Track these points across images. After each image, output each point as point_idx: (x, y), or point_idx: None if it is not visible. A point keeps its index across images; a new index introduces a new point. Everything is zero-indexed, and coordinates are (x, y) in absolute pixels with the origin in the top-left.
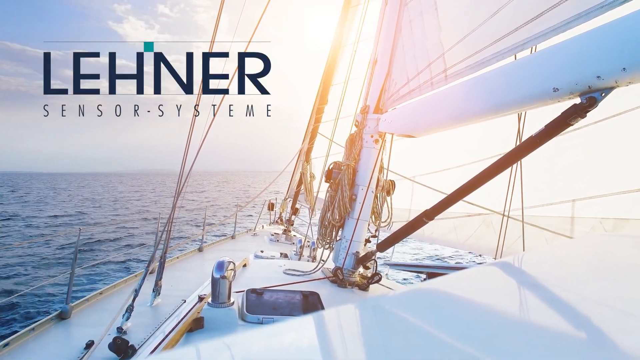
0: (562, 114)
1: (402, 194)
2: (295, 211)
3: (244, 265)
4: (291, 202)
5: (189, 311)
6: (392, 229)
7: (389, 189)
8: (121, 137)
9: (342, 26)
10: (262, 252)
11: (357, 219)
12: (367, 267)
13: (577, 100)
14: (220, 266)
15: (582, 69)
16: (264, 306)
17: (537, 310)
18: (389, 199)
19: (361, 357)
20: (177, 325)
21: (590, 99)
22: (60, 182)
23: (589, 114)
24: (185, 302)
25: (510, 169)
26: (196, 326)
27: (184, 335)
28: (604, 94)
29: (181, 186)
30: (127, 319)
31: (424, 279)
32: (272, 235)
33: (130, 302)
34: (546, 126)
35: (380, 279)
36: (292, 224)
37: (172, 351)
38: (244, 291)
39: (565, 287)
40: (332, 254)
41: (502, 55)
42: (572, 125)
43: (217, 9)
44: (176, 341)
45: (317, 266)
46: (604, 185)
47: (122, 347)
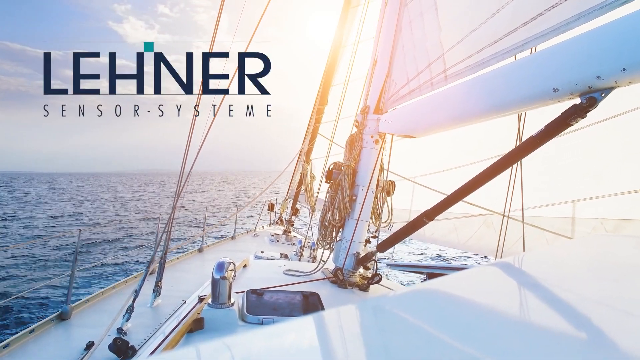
0: (562, 114)
1: (403, 195)
2: (295, 212)
3: (244, 265)
4: (291, 202)
5: (189, 312)
6: (393, 230)
7: (389, 189)
8: (121, 137)
9: (342, 27)
10: (262, 252)
11: (357, 220)
12: (367, 268)
13: (577, 100)
14: (220, 267)
15: (582, 69)
16: (264, 307)
17: (538, 310)
18: (389, 199)
19: (361, 358)
20: (177, 325)
21: (590, 99)
22: (60, 182)
23: (589, 115)
24: (185, 302)
25: (510, 169)
26: (196, 327)
27: (184, 336)
28: (604, 94)
29: (181, 187)
30: (127, 319)
31: (424, 280)
32: (273, 235)
33: (130, 302)
34: (546, 126)
35: (380, 280)
36: (293, 225)
37: (172, 352)
38: (244, 292)
39: (565, 288)
40: (332, 255)
41: (502, 55)
42: (572, 125)
43: (217, 9)
44: (176, 342)
45: (318, 267)
46: (605, 185)
47: (122, 348)
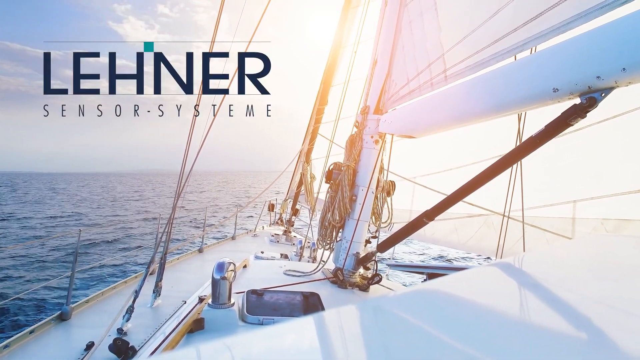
0: (562, 114)
1: (403, 195)
2: (295, 212)
3: (244, 266)
4: (291, 202)
5: (190, 312)
6: (393, 230)
7: (389, 189)
8: (121, 137)
9: (342, 27)
10: (262, 253)
11: (358, 220)
12: (367, 268)
13: (577, 100)
14: (220, 267)
15: (582, 69)
16: (264, 307)
17: (538, 310)
18: (389, 199)
19: (362, 358)
20: (177, 326)
21: (590, 99)
22: (60, 182)
23: (589, 115)
24: (185, 303)
25: (510, 169)
26: (196, 327)
27: (184, 336)
28: (603, 94)
29: (181, 187)
30: (128, 320)
31: (425, 280)
32: (273, 236)
33: (130, 303)
34: (546, 126)
35: (380, 280)
36: (293, 225)
37: (172, 352)
38: (244, 292)
39: (565, 288)
40: (332, 255)
41: (501, 55)
42: (572, 125)
43: (217, 9)
44: (176, 342)
45: (318, 267)
46: (605, 186)
47: (122, 349)
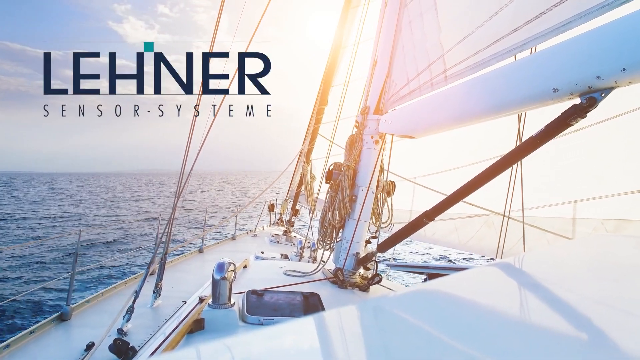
0: (562, 114)
1: (403, 195)
2: (295, 212)
3: (245, 266)
4: (291, 203)
5: (190, 312)
6: (393, 230)
7: (389, 189)
8: (121, 137)
9: (342, 27)
10: (262, 253)
11: (358, 220)
12: (367, 268)
13: (577, 100)
14: (220, 267)
15: (582, 69)
16: (264, 307)
17: (538, 310)
18: (389, 199)
19: (362, 358)
20: (177, 326)
21: (590, 99)
22: (59, 182)
23: (589, 115)
24: (185, 303)
25: (510, 169)
26: (197, 327)
27: (184, 336)
28: (603, 94)
29: (181, 187)
30: (128, 320)
31: (425, 280)
32: (273, 236)
33: (130, 303)
34: (546, 126)
35: (380, 280)
36: (293, 225)
37: (172, 353)
38: (244, 292)
39: (566, 288)
40: (332, 255)
41: (501, 55)
42: (572, 125)
43: (217, 9)
44: (177, 342)
45: (318, 267)
46: (606, 186)
47: (122, 349)
